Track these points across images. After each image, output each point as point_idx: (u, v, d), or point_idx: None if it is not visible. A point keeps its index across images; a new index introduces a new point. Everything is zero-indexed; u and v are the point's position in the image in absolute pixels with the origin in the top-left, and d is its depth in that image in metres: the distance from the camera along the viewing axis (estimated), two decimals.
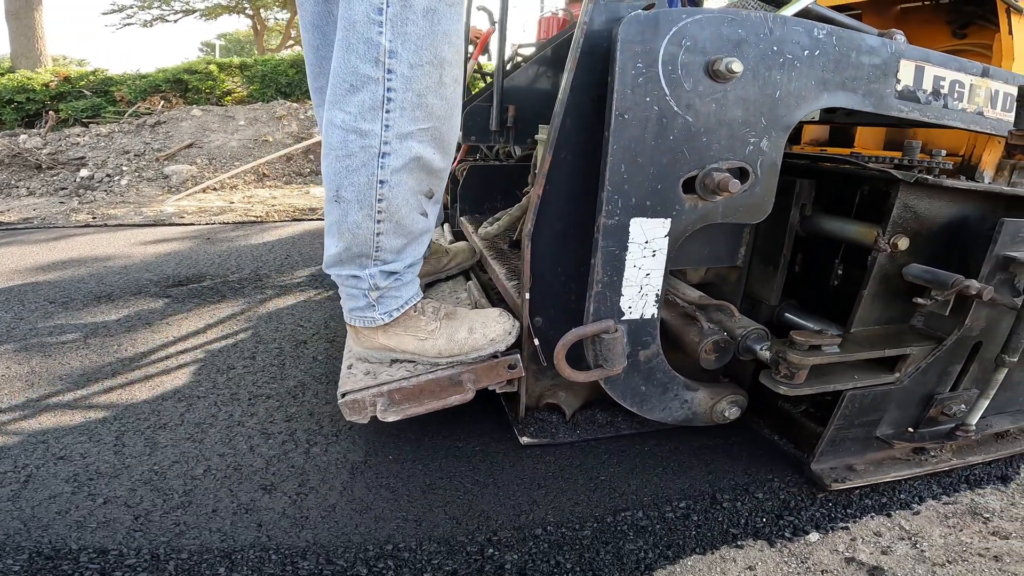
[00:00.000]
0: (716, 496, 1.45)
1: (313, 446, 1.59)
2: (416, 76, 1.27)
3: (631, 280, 1.37)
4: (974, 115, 1.56)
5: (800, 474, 1.52)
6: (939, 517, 1.44)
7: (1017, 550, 1.33)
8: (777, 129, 1.36)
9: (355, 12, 1.22)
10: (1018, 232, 1.41)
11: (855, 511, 1.42)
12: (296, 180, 7.15)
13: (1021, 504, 1.50)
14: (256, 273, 3.19)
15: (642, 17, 1.22)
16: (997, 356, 1.46)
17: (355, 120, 1.28)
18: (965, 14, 2.06)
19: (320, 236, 4.15)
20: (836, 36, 1.35)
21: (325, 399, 1.83)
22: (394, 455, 1.55)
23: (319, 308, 2.66)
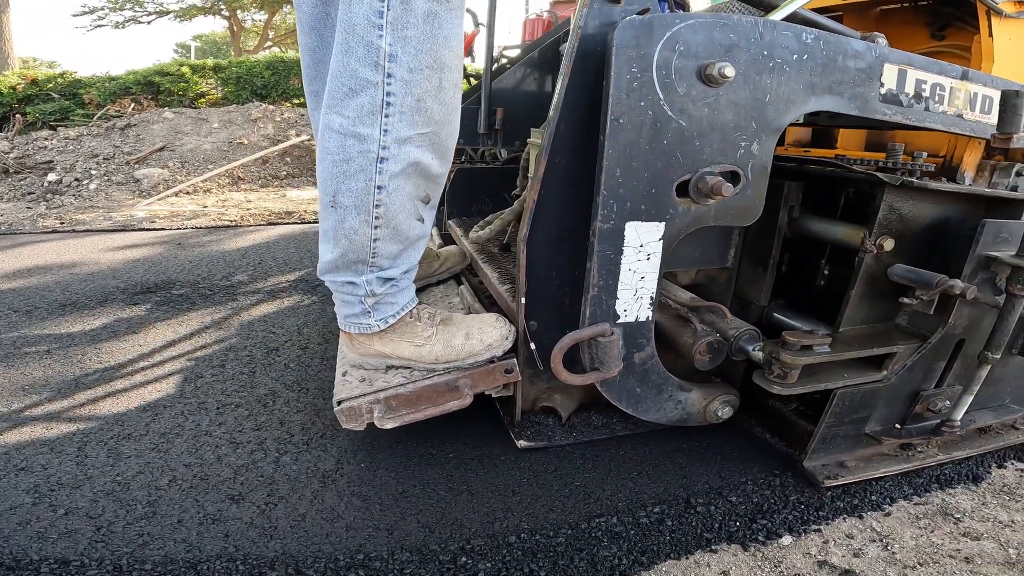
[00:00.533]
0: (690, 500, 1.45)
1: (283, 455, 1.57)
2: (416, 80, 1.26)
3: (626, 283, 1.38)
4: (954, 117, 1.59)
5: (773, 476, 1.53)
6: (910, 518, 1.45)
7: (988, 552, 1.34)
8: (767, 132, 1.38)
9: (355, 15, 1.21)
10: (999, 233, 1.45)
11: (827, 513, 1.43)
12: (272, 183, 7.07)
13: (992, 504, 1.51)
14: (228, 279, 3.13)
15: (637, 22, 1.23)
16: (980, 353, 1.50)
17: (353, 124, 1.27)
18: (943, 16, 2.10)
19: (295, 240, 4.10)
20: (823, 40, 1.37)
21: (296, 407, 1.81)
22: (366, 463, 1.54)
23: (292, 314, 2.62)
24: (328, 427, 1.70)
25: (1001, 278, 1.48)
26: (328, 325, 2.47)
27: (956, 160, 1.85)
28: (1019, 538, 1.38)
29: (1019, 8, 1.83)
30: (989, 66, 1.81)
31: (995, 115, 1.61)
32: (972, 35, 2.00)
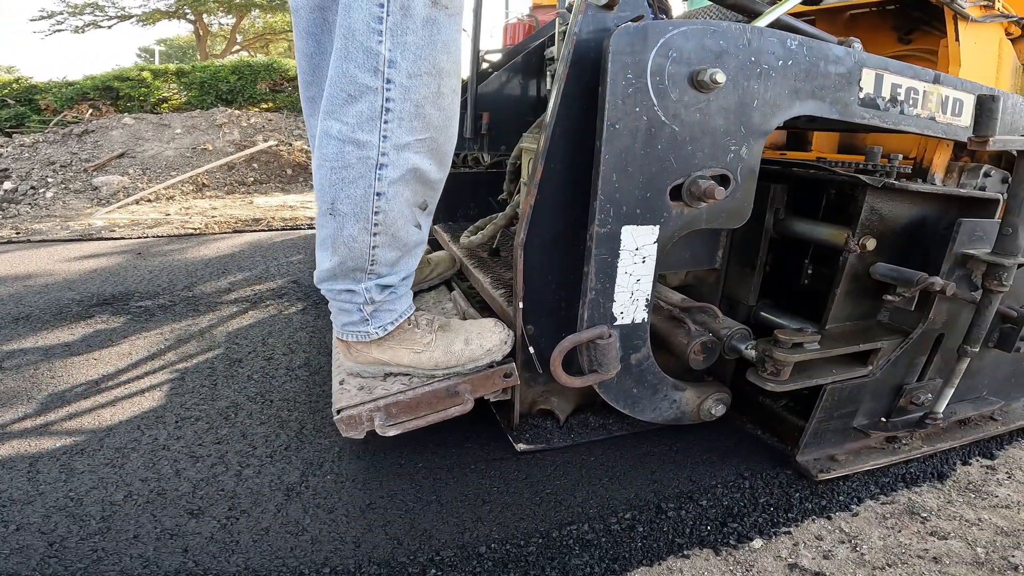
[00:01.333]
0: (661, 506, 1.44)
1: (245, 468, 1.55)
2: (414, 86, 1.26)
3: (623, 286, 1.41)
4: (927, 120, 1.65)
5: (743, 479, 1.54)
6: (877, 518, 1.46)
7: (956, 551, 1.35)
8: (755, 137, 1.42)
9: (354, 20, 1.20)
10: (974, 231, 1.51)
11: (796, 515, 1.44)
12: (238, 190, 6.96)
13: (958, 502, 1.53)
14: (190, 289, 3.06)
15: (632, 29, 1.25)
16: (959, 347, 1.56)
17: (352, 131, 1.26)
18: (911, 20, 2.16)
19: (262, 249, 4.03)
20: (807, 46, 1.41)
21: (260, 419, 1.78)
22: (333, 475, 1.53)
23: (256, 325, 2.57)
24: (293, 439, 1.68)
25: (977, 274, 1.54)
26: (294, 335, 2.45)
27: (926, 161, 1.92)
28: (986, 537, 1.40)
29: (984, 12, 1.91)
30: (956, 69, 1.88)
31: (965, 117, 1.68)
32: (938, 39, 2.07)
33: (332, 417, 1.40)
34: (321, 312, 2.71)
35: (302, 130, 7.72)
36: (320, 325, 2.56)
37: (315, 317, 2.66)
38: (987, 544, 1.37)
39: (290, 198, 6.62)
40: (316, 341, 2.38)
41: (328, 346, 2.27)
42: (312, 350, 2.29)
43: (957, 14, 1.84)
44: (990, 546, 1.36)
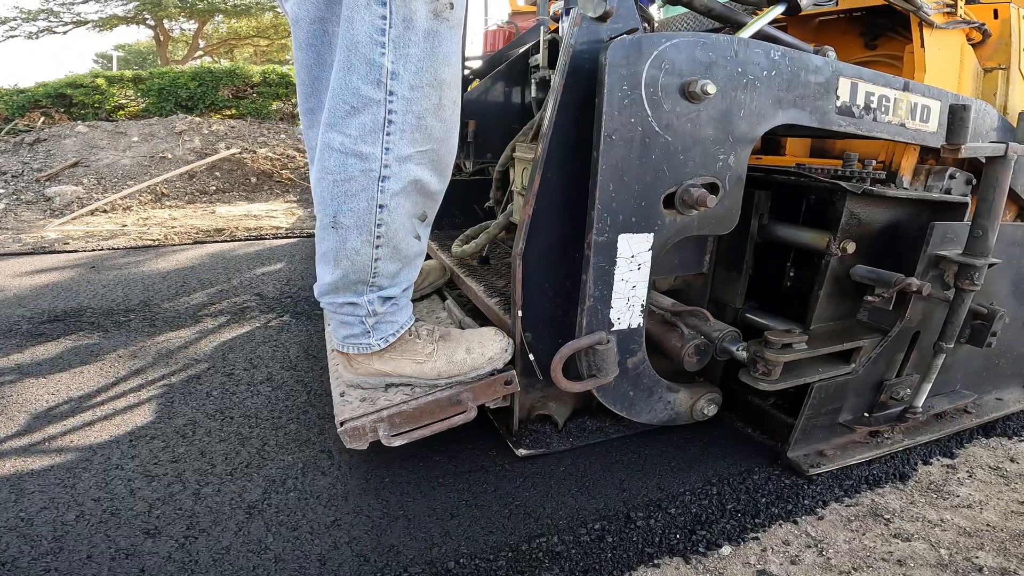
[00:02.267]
0: (630, 515, 1.44)
1: (204, 486, 1.52)
2: (416, 98, 1.27)
3: (620, 293, 1.44)
4: (898, 126, 1.72)
5: (710, 485, 1.55)
6: (843, 521, 1.47)
7: (920, 553, 1.36)
8: (742, 145, 1.47)
9: (358, 33, 1.21)
10: (946, 234, 1.59)
11: (763, 520, 1.44)
12: (200, 199, 6.80)
13: (920, 503, 1.54)
14: (146, 304, 2.94)
15: (627, 42, 1.29)
16: (935, 344, 1.64)
17: (355, 143, 1.26)
18: (877, 26, 2.25)
19: (224, 260, 3.93)
20: (788, 57, 1.47)
21: (219, 437, 1.74)
22: (296, 492, 1.50)
23: (216, 340, 2.49)
24: (254, 456, 1.65)
25: (949, 275, 1.62)
26: (256, 350, 2.38)
27: (895, 165, 2.00)
28: (949, 538, 1.42)
29: (947, 19, 1.99)
30: (921, 76, 1.95)
31: (932, 123, 1.76)
32: (903, 44, 2.16)
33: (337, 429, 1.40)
34: (284, 326, 2.66)
35: (267, 137, 7.61)
36: (283, 339, 2.50)
37: (278, 331, 2.60)
38: (950, 545, 1.39)
39: (254, 207, 6.49)
40: (279, 356, 2.33)
41: (291, 360, 2.25)
42: (275, 365, 2.24)
43: (923, 21, 1.91)
44: (953, 547, 1.39)
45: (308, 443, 1.72)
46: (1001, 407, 1.93)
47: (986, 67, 2.13)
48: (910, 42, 2.08)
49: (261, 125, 7.90)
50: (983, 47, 2.13)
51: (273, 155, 7.20)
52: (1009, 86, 2.07)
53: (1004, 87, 2.09)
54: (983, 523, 1.47)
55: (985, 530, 1.44)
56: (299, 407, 1.92)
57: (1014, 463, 1.73)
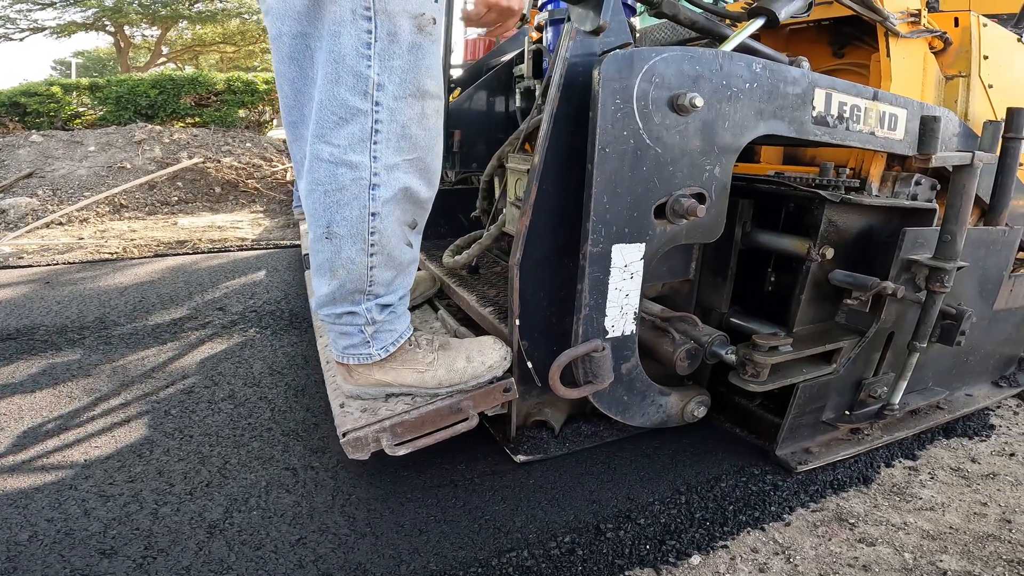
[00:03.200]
0: (600, 527, 1.45)
1: (162, 506, 1.49)
2: (400, 108, 1.30)
3: (614, 301, 1.48)
4: (868, 135, 1.81)
5: (679, 494, 1.57)
6: (809, 527, 1.49)
7: (884, 557, 1.39)
8: (727, 156, 1.52)
9: (344, 46, 1.24)
10: (917, 239, 1.68)
11: (731, 528, 1.46)
12: (161, 210, 6.65)
13: (884, 506, 1.58)
14: (101, 321, 2.82)
15: (620, 56, 1.33)
16: (909, 343, 1.72)
17: (344, 152, 1.29)
18: (844, 35, 2.33)
19: (185, 273, 3.82)
20: (769, 69, 1.53)
21: (178, 456, 1.71)
22: (260, 511, 1.48)
23: (176, 356, 2.42)
24: (215, 475, 1.62)
25: (920, 278, 1.70)
26: (217, 367, 2.33)
27: (864, 172, 2.09)
28: (913, 541, 1.45)
29: (911, 28, 2.09)
30: (888, 84, 2.04)
31: (899, 131, 1.85)
32: (869, 52, 2.25)
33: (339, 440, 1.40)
34: (248, 341, 2.60)
35: (232, 146, 7.49)
36: (246, 355, 2.44)
37: (241, 347, 2.54)
38: (914, 549, 1.42)
39: (219, 218, 6.37)
40: (242, 372, 2.28)
41: (255, 377, 2.22)
42: (237, 382, 2.19)
43: (889, 31, 2.00)
44: (917, 551, 1.42)
45: (272, 461, 1.69)
46: (971, 403, 2.03)
47: (947, 74, 2.22)
48: (876, 51, 2.16)
49: (226, 134, 7.78)
50: (944, 55, 2.22)
51: (238, 164, 7.09)
52: (969, 93, 2.17)
53: (965, 94, 2.18)
54: (946, 525, 1.51)
55: (948, 533, 1.48)
56: (262, 424, 1.89)
57: (975, 463, 1.79)
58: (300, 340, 2.60)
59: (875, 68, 2.18)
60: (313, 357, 2.36)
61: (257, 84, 8.40)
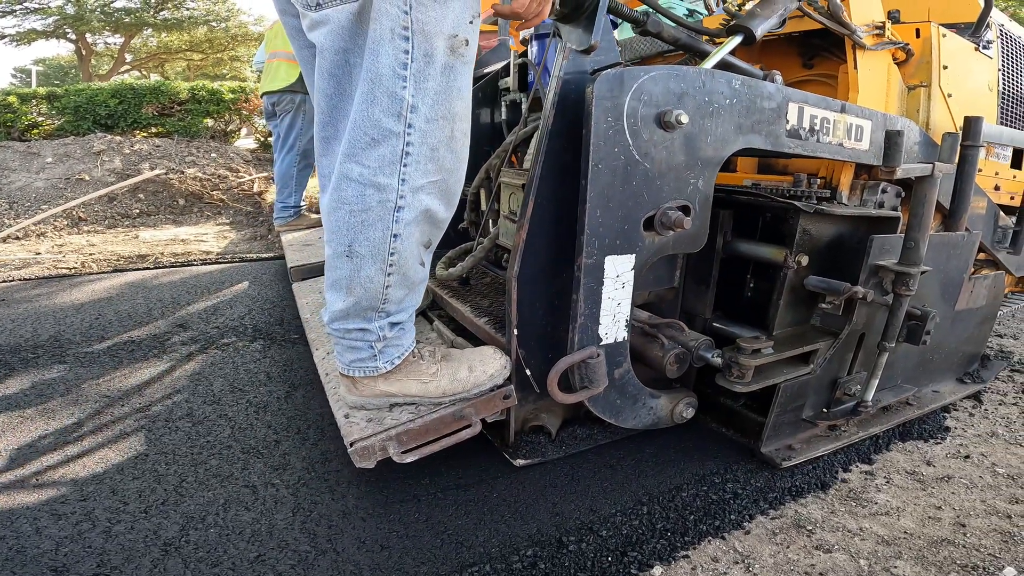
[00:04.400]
0: (562, 539, 1.46)
1: (115, 524, 1.48)
2: (431, 130, 1.34)
3: (607, 310, 1.56)
4: (837, 146, 1.92)
5: (640, 505, 1.59)
6: (768, 534, 1.51)
7: (840, 564, 1.41)
8: (709, 169, 1.62)
9: (382, 66, 1.27)
10: (883, 245, 1.79)
11: (692, 538, 1.48)
12: (121, 223, 6.52)
13: (840, 512, 1.61)
14: (56, 339, 2.74)
15: (611, 76, 1.42)
16: (879, 343, 1.84)
17: (374, 174, 1.32)
18: (813, 47, 2.45)
19: (145, 289, 3.72)
20: (747, 85, 1.63)
21: (132, 474, 1.69)
22: (217, 528, 1.47)
23: (132, 375, 2.37)
24: (171, 493, 1.61)
25: (888, 281, 1.82)
26: (175, 384, 2.30)
27: (834, 181, 2.22)
28: (868, 547, 1.48)
29: (876, 40, 2.21)
30: (855, 96, 2.14)
31: (865, 141, 1.96)
32: (837, 64, 2.37)
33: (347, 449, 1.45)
34: (208, 359, 2.56)
35: (196, 156, 7.39)
36: (206, 373, 2.40)
37: (201, 365, 2.49)
38: (869, 555, 1.45)
39: (182, 231, 6.28)
40: (201, 390, 2.24)
41: (214, 395, 2.20)
42: (196, 400, 2.16)
43: (856, 44, 2.11)
44: (872, 557, 1.44)
45: (230, 478, 1.69)
46: (938, 399, 2.17)
47: (909, 85, 2.35)
48: (843, 62, 2.28)
49: (190, 144, 7.67)
50: (907, 66, 2.34)
51: (203, 175, 7.01)
52: (931, 103, 2.29)
53: (926, 104, 2.30)
54: (901, 531, 1.54)
55: (903, 538, 1.52)
56: (221, 442, 1.88)
57: (930, 466, 1.84)
58: (263, 357, 2.58)
59: (843, 79, 2.30)
60: (276, 374, 2.38)
61: (223, 93, 8.29)
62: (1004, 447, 1.97)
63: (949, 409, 2.20)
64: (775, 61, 2.51)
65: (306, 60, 1.57)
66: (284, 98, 4.67)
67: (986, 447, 1.96)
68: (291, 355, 2.60)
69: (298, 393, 2.22)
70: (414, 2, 1.25)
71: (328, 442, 1.87)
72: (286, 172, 4.84)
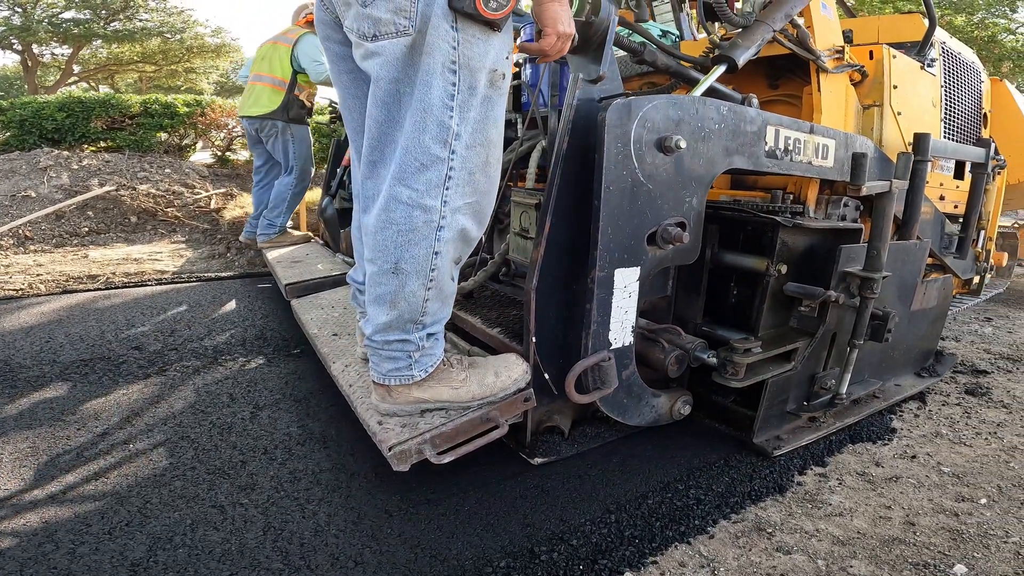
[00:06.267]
0: (534, 550, 1.50)
1: (80, 546, 1.50)
2: (470, 156, 1.50)
3: (616, 317, 1.75)
4: (806, 164, 2.15)
5: (609, 514, 1.66)
6: (731, 538, 1.58)
7: (800, 565, 1.47)
8: (701, 188, 1.83)
9: (433, 96, 1.42)
10: (850, 254, 2.03)
11: (659, 544, 1.55)
12: (70, 242, 6.39)
13: (797, 514, 1.68)
14: (6, 363, 2.68)
15: (620, 105, 1.61)
16: (849, 341, 2.08)
17: (421, 197, 1.47)
18: (778, 68, 2.69)
19: (96, 311, 3.64)
20: (733, 111, 1.84)
21: (93, 497, 1.70)
22: (185, 548, 1.49)
23: (84, 399, 2.33)
24: (135, 514, 1.62)
25: (854, 286, 2.06)
26: (132, 407, 2.27)
27: (803, 196, 2.47)
28: (825, 548, 1.55)
29: (837, 63, 2.46)
30: (819, 117, 2.37)
31: (830, 159, 2.21)
32: (800, 85, 2.62)
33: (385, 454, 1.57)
34: (166, 381, 2.53)
35: (149, 172, 7.29)
36: (164, 395, 2.38)
37: (159, 387, 2.47)
38: (826, 556, 1.52)
39: (135, 249, 6.18)
40: (160, 412, 2.22)
41: (175, 416, 2.20)
42: (156, 422, 2.15)
43: (820, 68, 2.36)
44: (829, 558, 1.51)
45: (196, 499, 1.70)
46: (901, 391, 2.44)
47: (864, 104, 2.61)
48: (806, 83, 2.52)
49: (142, 159, 7.57)
50: (861, 86, 2.60)
51: (157, 191, 6.93)
52: (883, 121, 2.56)
53: (879, 122, 2.56)
54: (854, 531, 1.63)
55: (857, 538, 1.60)
56: (184, 464, 1.88)
57: (879, 467, 1.96)
58: (225, 378, 2.57)
59: (807, 100, 2.54)
60: (240, 395, 2.39)
61: (178, 106, 8.19)
62: (949, 447, 2.12)
63: (895, 410, 2.38)
64: (744, 82, 2.74)
65: (345, 86, 1.71)
66: (266, 124, 4.69)
67: (931, 447, 2.11)
68: (255, 376, 2.61)
69: (263, 414, 2.24)
70: (461, 39, 1.41)
71: (296, 461, 1.91)
72: (280, 193, 4.84)
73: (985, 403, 2.52)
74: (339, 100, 1.77)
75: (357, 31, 1.44)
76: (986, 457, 2.05)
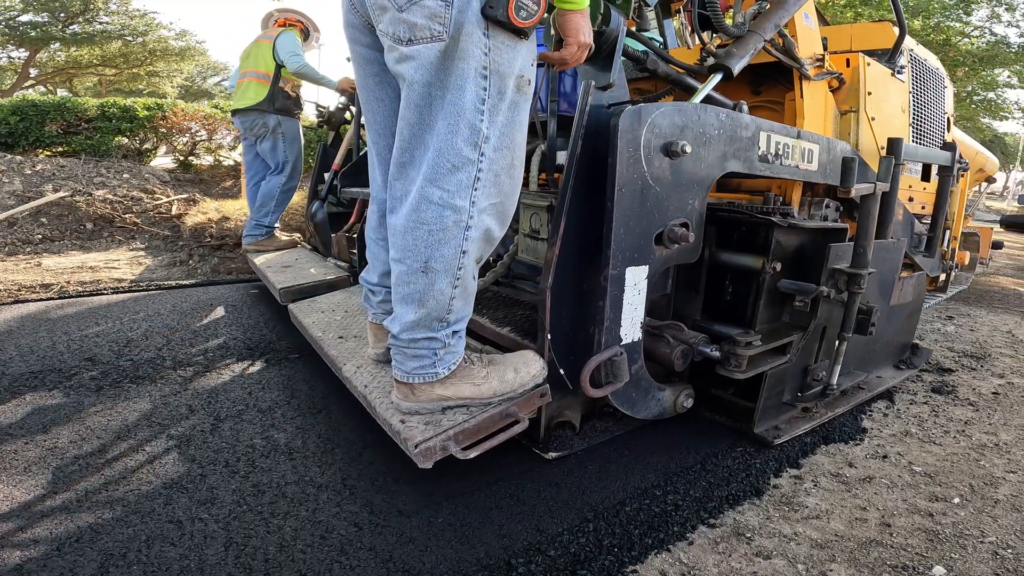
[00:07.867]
0: (511, 562, 1.49)
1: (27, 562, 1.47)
2: (497, 158, 1.58)
3: (627, 314, 1.85)
4: (794, 168, 2.31)
5: (587, 522, 1.67)
6: (710, 544, 1.58)
7: (780, 570, 1.48)
8: (703, 191, 1.95)
9: (466, 100, 1.50)
10: (838, 253, 2.19)
11: (639, 552, 1.54)
12: (22, 250, 6.23)
13: (775, 518, 1.70)
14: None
15: (631, 111, 1.72)
16: (838, 334, 2.23)
17: (452, 197, 1.54)
18: (761, 75, 2.84)
19: (49, 322, 3.50)
20: (730, 117, 1.97)
21: (40, 513, 1.65)
22: (140, 565, 1.46)
23: (38, 412, 2.24)
24: (85, 531, 1.58)
25: (842, 282, 2.21)
26: (84, 421, 2.19)
27: (788, 198, 2.63)
28: (804, 552, 1.56)
29: (818, 71, 2.62)
30: (802, 122, 2.53)
31: (814, 163, 2.37)
32: (782, 91, 2.78)
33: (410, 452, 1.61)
34: (120, 394, 2.44)
35: (106, 177, 7.14)
36: (118, 407, 2.30)
37: (113, 400, 2.38)
38: (806, 560, 1.53)
39: (91, 257, 6.04)
40: (113, 426, 2.15)
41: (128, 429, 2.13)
42: (108, 436, 2.08)
43: (803, 75, 2.53)
44: (809, 561, 1.53)
45: (152, 514, 1.65)
46: (882, 383, 2.61)
47: (842, 110, 2.79)
48: (788, 89, 2.68)
49: (99, 164, 7.41)
50: (839, 93, 2.78)
51: (114, 197, 6.80)
52: (859, 127, 2.74)
53: (855, 127, 2.75)
54: (832, 533, 1.65)
55: (835, 540, 1.62)
56: (139, 478, 1.83)
57: (852, 468, 2.01)
58: (183, 389, 2.50)
59: (789, 106, 2.71)
60: (200, 406, 2.33)
61: (137, 110, 8.04)
62: (919, 446, 2.20)
63: (864, 409, 2.46)
64: (729, 88, 2.88)
65: (370, 88, 1.77)
66: (257, 121, 4.71)
67: (902, 446, 2.18)
68: (216, 386, 2.54)
69: (225, 425, 2.18)
70: (492, 46, 1.50)
71: (260, 474, 1.87)
72: (269, 192, 4.82)
73: (952, 401, 2.63)
74: (362, 103, 1.83)
75: (392, 35, 1.51)
76: (956, 456, 2.14)
